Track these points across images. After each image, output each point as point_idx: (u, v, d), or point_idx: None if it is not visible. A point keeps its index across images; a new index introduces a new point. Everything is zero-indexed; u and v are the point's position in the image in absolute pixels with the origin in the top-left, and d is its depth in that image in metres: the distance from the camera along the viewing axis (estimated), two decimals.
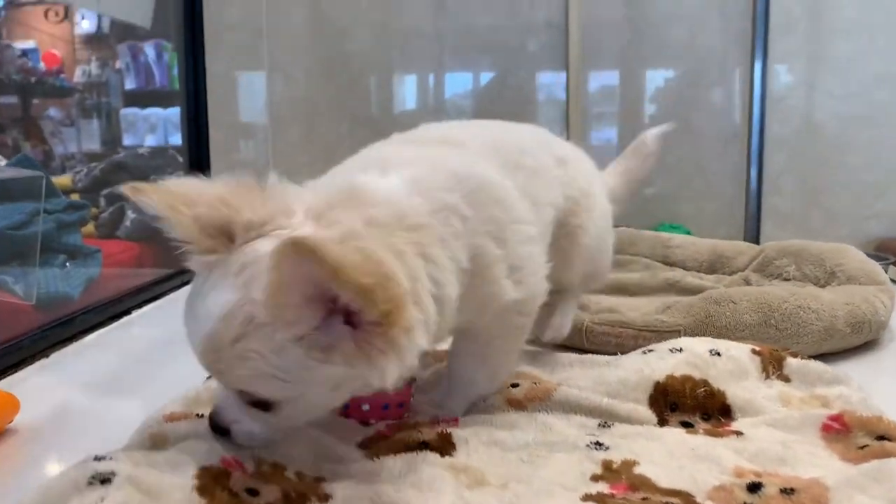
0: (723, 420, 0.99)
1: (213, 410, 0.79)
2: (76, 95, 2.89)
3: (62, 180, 2.34)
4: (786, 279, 1.69)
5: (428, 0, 2.41)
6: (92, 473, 0.68)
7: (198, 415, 0.92)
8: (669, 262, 2.00)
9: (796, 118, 2.34)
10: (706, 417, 0.99)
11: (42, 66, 2.89)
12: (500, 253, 0.88)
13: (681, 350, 1.08)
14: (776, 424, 0.95)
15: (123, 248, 2.19)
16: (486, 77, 2.51)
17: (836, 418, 0.91)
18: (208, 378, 1.06)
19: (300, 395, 0.73)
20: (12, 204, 1.74)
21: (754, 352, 1.11)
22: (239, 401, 0.76)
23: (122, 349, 1.53)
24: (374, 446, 0.88)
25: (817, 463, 0.84)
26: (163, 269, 2.19)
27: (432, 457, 0.85)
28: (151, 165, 2.45)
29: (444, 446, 0.88)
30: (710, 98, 2.39)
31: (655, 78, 2.46)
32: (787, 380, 1.08)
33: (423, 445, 0.87)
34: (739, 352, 1.09)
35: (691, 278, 1.80)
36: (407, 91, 2.56)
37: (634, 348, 1.19)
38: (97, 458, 0.71)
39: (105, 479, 0.68)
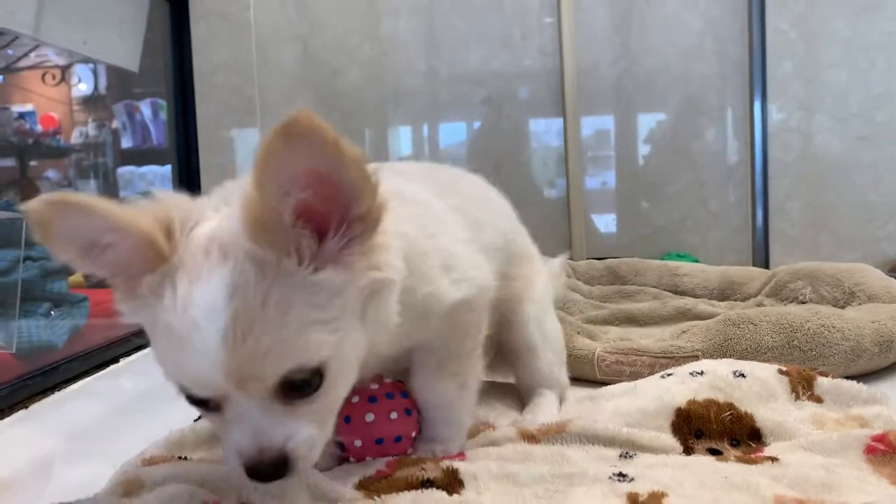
0: (753, 445, 0.91)
1: (253, 449, 0.66)
2: (73, 156, 2.88)
3: None
4: (802, 302, 1.62)
5: (422, 80, 2.36)
6: None
7: (180, 457, 0.84)
8: (678, 291, 1.92)
9: (798, 143, 2.29)
10: (735, 443, 0.91)
11: (39, 128, 2.88)
12: (430, 244, 0.83)
13: (702, 373, 1.01)
14: (813, 448, 0.86)
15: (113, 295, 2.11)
16: (479, 124, 2.46)
17: (881, 438, 0.83)
18: (197, 419, 0.99)
19: (342, 340, 0.67)
20: None
21: (781, 372, 1.03)
22: (278, 409, 0.66)
23: (106, 399, 1.44)
24: (374, 486, 0.79)
25: (867, 489, 0.76)
26: None
27: (439, 495, 0.76)
28: None
29: (451, 484, 0.80)
30: (710, 126, 2.34)
31: (650, 115, 2.41)
32: (819, 400, 1.00)
33: (428, 483, 0.79)
34: (765, 372, 1.02)
35: (704, 305, 1.73)
36: (402, 137, 2.51)
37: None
38: None
39: None
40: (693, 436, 0.92)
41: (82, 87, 3.08)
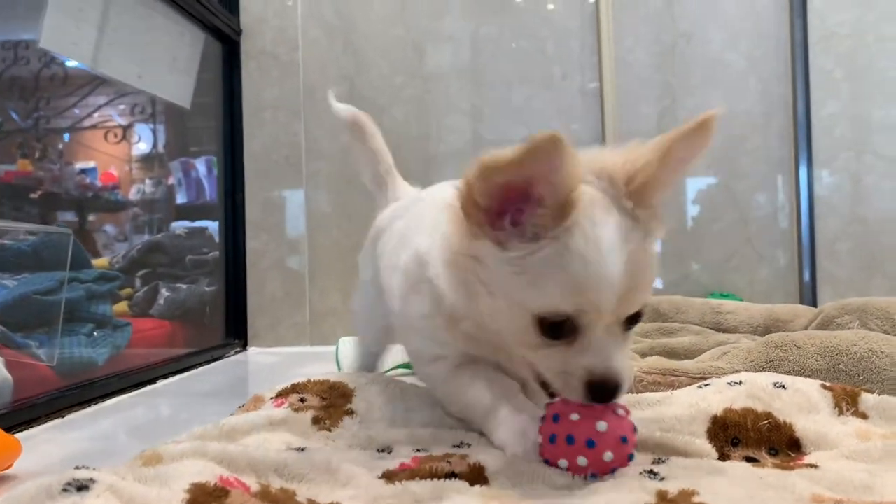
0: (793, 455, 0.87)
1: (608, 372, 0.77)
2: (130, 210, 2.98)
3: (100, 262, 2.34)
4: None
5: (465, 118, 2.39)
6: (68, 480, 0.60)
7: None
8: (722, 329, 1.87)
9: (846, 183, 2.25)
10: (773, 452, 0.87)
11: (99, 183, 3.00)
12: None
13: (740, 383, 0.97)
14: (856, 457, 0.82)
15: (155, 325, 2.15)
16: None
17: None
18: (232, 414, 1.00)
19: None
20: (43, 273, 1.73)
21: (824, 387, 0.99)
22: (619, 342, 0.78)
23: (139, 415, 1.47)
24: (398, 475, 0.78)
25: None
26: (193, 347, 2.14)
27: (460, 485, 0.75)
28: (187, 245, 2.45)
29: (476, 478, 0.78)
30: (754, 166, 2.31)
31: (698, 179, 2.37)
32: (863, 416, 0.95)
33: (452, 476, 0.77)
34: (807, 385, 0.98)
35: (747, 340, 1.67)
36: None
37: None
38: (78, 468, 0.63)
39: (82, 487, 0.60)
40: (729, 444, 0.89)
41: (142, 146, 3.20)
